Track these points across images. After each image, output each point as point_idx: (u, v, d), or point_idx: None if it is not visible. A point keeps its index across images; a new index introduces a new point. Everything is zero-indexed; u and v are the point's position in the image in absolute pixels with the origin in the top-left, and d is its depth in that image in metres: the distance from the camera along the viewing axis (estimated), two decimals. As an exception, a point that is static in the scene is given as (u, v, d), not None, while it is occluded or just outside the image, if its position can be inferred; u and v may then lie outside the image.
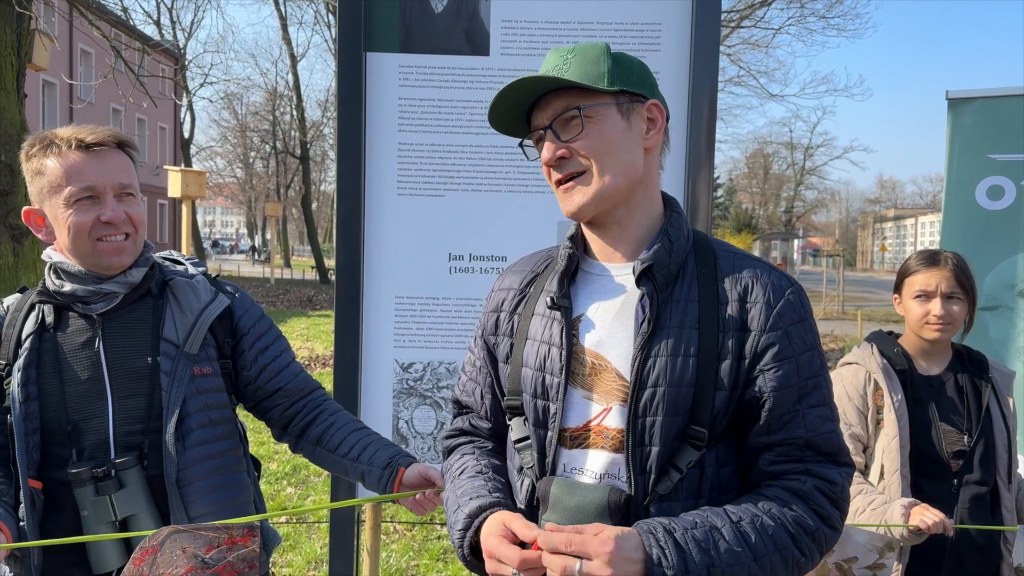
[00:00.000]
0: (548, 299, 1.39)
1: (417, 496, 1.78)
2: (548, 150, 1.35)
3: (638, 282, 1.32)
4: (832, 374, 2.45)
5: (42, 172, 1.69)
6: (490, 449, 1.55)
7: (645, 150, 1.37)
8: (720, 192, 56.82)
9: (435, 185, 2.78)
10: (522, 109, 1.38)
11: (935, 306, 2.31)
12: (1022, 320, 3.71)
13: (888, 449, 2.27)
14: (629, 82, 1.34)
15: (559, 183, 1.36)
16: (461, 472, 1.49)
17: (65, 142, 1.68)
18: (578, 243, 1.44)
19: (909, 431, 2.27)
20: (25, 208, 1.75)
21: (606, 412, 1.32)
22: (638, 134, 1.36)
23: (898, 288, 2.44)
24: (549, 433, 1.36)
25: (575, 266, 1.42)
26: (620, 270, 1.38)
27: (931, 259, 2.35)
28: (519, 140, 1.46)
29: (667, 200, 1.43)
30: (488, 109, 1.37)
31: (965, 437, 2.27)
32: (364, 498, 2.37)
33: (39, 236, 1.77)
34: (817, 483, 1.27)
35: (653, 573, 1.15)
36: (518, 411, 1.43)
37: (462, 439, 1.59)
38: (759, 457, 1.31)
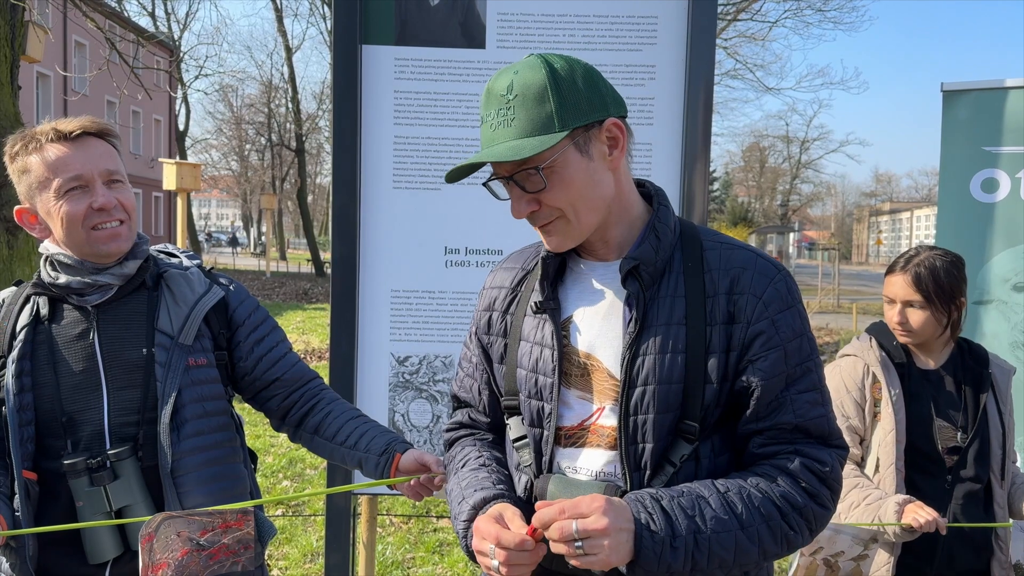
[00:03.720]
0: (533, 304, 1.40)
1: (413, 481, 1.79)
2: (517, 207, 1.32)
3: (624, 281, 1.32)
4: (831, 365, 2.46)
5: (27, 170, 1.69)
6: (491, 441, 1.56)
7: (612, 171, 1.33)
8: (716, 186, 56.84)
9: (431, 178, 2.77)
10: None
11: (894, 312, 2.32)
12: (1016, 314, 3.72)
13: (884, 443, 2.27)
14: (580, 114, 1.26)
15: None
16: (464, 464, 1.49)
17: (45, 136, 1.68)
18: None
19: (905, 425, 2.26)
20: (16, 208, 1.75)
21: (600, 411, 1.34)
22: (601, 160, 1.31)
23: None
24: (545, 432, 1.38)
25: (559, 267, 1.42)
26: (607, 268, 1.38)
27: (902, 264, 2.33)
28: (483, 181, 1.39)
29: (653, 192, 1.42)
30: (445, 177, 1.33)
31: (959, 433, 2.27)
32: (360, 483, 2.38)
33: (33, 234, 1.76)
34: (805, 461, 1.28)
35: (642, 536, 1.17)
36: (515, 411, 1.44)
37: (463, 432, 1.60)
38: (750, 441, 1.32)
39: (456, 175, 1.31)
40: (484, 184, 1.38)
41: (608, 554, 1.15)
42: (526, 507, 1.35)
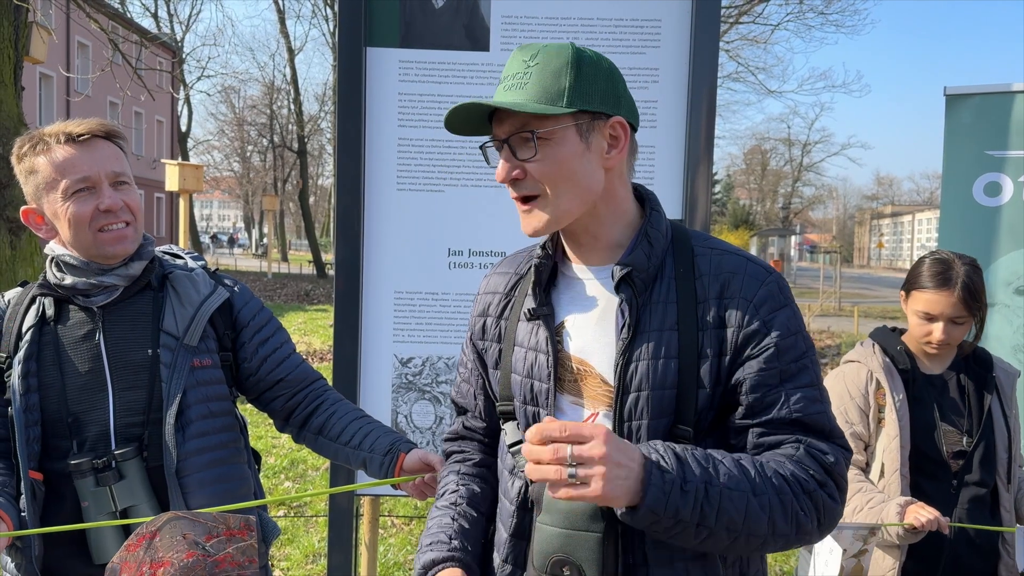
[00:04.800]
0: (526, 311, 1.40)
1: (417, 480, 1.79)
2: (502, 169, 1.31)
3: (617, 287, 1.32)
4: (834, 371, 2.45)
5: (35, 170, 1.69)
6: (476, 462, 1.57)
7: (605, 169, 1.32)
8: (718, 188, 56.85)
9: (435, 180, 2.78)
10: (486, 111, 1.33)
11: (937, 330, 2.26)
12: (1019, 317, 3.72)
13: (888, 448, 2.27)
14: (591, 99, 1.27)
15: (517, 199, 1.34)
16: (442, 494, 1.53)
17: (54, 137, 1.69)
18: (557, 247, 1.43)
19: (910, 431, 2.26)
20: (23, 208, 1.75)
21: (594, 417, 1.33)
22: (597, 154, 1.30)
23: (906, 288, 2.37)
24: None
25: (551, 272, 1.41)
26: (599, 273, 1.38)
27: (942, 280, 2.24)
28: (481, 143, 1.39)
29: (645, 196, 1.41)
30: (444, 120, 1.32)
31: (964, 438, 2.27)
32: (365, 483, 2.38)
33: (39, 235, 1.77)
34: (810, 450, 1.25)
35: (651, 473, 1.12)
36: (511, 416, 1.44)
37: (454, 446, 1.62)
38: (747, 433, 1.29)
39: (455, 114, 1.30)
40: (480, 148, 1.38)
41: (602, 485, 1.07)
42: (519, 515, 1.38)
